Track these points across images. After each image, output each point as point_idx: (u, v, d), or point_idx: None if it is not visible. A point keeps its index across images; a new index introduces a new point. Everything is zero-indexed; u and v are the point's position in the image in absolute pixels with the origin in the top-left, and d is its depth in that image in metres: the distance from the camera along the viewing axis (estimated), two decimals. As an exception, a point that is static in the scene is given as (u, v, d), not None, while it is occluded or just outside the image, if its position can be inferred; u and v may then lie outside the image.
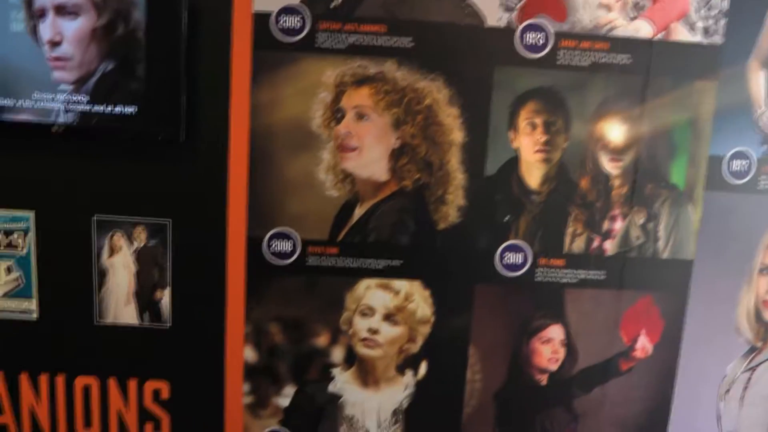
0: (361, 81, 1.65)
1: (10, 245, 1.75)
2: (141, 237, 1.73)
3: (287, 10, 1.62)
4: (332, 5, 1.62)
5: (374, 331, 1.77)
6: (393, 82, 1.64)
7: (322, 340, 1.78)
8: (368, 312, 1.76)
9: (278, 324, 1.78)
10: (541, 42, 1.63)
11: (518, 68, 1.64)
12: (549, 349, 1.80)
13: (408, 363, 1.80)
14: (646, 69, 1.65)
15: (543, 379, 1.82)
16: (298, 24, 1.62)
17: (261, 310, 1.77)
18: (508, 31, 1.63)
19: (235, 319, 1.76)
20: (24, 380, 1.82)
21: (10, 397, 1.83)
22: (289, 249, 1.72)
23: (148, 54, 1.60)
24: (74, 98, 1.63)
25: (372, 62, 1.64)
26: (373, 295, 1.75)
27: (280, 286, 1.75)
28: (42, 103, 1.63)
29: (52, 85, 1.62)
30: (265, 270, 1.74)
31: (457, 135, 1.67)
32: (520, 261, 1.74)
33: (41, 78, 1.62)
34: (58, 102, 1.63)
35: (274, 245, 1.72)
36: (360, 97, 1.66)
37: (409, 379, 1.80)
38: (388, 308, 1.76)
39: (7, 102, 1.64)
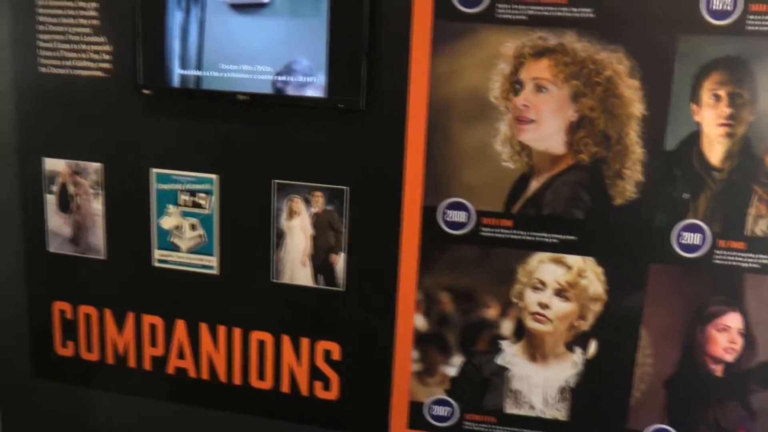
0: (540, 53, 1.65)
1: (195, 204, 1.82)
2: (319, 202, 1.78)
3: (468, -19, 1.64)
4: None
5: (545, 306, 1.75)
6: (573, 54, 1.64)
7: (491, 312, 1.77)
8: (540, 286, 1.74)
9: (449, 293, 1.78)
10: (728, 7, 1.58)
11: (703, 36, 1.59)
12: (725, 337, 1.72)
13: (577, 340, 1.76)
14: None
15: (717, 370, 1.74)
16: (484, -6, 1.65)
17: (433, 278, 1.78)
18: (693, -2, 1.59)
19: (407, 286, 1.78)
20: (204, 330, 1.89)
21: (190, 344, 1.90)
22: (464, 219, 1.73)
23: (331, 25, 1.66)
24: (258, 68, 1.70)
25: (552, 33, 1.64)
26: (546, 269, 1.74)
27: (453, 256, 1.76)
28: (228, 74, 1.71)
29: (237, 57, 1.70)
30: (438, 239, 1.75)
31: (637, 108, 1.64)
32: (698, 242, 1.68)
33: (227, 50, 1.71)
34: (243, 72, 1.70)
35: (448, 215, 1.73)
36: (539, 69, 1.66)
37: (577, 356, 1.77)
38: (560, 283, 1.73)
39: (197, 72, 1.72)
